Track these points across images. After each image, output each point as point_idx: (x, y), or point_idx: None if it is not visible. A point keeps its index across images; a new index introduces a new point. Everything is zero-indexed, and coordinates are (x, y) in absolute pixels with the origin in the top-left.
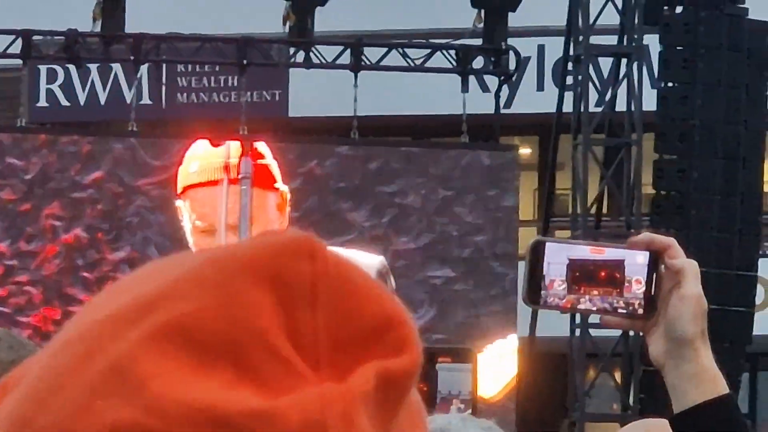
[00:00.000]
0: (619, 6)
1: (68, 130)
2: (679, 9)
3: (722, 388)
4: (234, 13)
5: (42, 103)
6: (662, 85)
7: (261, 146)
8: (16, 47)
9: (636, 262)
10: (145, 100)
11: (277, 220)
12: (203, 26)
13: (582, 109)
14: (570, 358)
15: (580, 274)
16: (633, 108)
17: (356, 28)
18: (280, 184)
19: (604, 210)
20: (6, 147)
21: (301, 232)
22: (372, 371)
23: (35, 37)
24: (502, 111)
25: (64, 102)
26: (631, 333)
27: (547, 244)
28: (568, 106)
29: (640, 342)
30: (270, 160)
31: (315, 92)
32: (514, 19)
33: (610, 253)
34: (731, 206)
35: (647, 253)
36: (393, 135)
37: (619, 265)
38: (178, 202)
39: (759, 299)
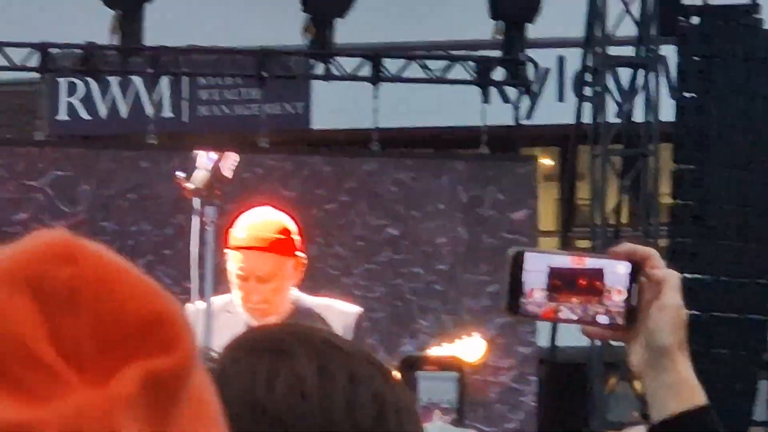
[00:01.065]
0: (636, 17)
1: (84, 144)
2: (695, 20)
3: (700, 398)
4: (253, 25)
5: (62, 116)
6: (680, 95)
7: (289, 223)
8: (33, 60)
9: (617, 271)
10: (167, 113)
11: (292, 277)
12: (222, 38)
13: (600, 120)
14: (590, 367)
15: (560, 283)
16: (650, 118)
17: (376, 39)
18: (299, 252)
19: (624, 220)
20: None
21: (62, 235)
22: (135, 372)
23: (52, 50)
24: (523, 122)
25: (85, 115)
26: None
27: (527, 253)
28: (588, 117)
29: None
30: (295, 235)
31: (337, 104)
32: (534, 31)
33: (590, 262)
34: (747, 215)
35: (628, 264)
36: (413, 147)
37: (599, 274)
38: (228, 251)
39: None
